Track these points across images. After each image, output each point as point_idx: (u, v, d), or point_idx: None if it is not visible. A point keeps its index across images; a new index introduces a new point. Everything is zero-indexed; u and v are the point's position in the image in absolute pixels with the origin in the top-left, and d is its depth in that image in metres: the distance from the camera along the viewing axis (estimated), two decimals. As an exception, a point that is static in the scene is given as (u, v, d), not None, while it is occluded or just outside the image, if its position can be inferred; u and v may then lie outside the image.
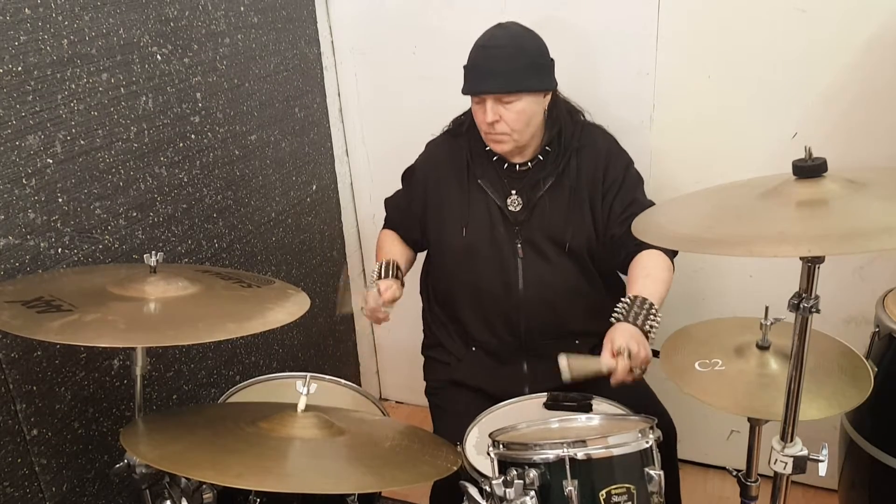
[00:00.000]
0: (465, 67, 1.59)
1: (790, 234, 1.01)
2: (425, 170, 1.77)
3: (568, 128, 1.66)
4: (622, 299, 1.51)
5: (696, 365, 1.40)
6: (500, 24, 1.59)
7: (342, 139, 2.42)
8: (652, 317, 1.47)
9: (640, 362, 1.40)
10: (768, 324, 1.37)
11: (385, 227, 1.88)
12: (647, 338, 1.45)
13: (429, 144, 1.80)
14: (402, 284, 1.72)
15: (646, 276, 1.55)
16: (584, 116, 1.73)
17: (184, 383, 1.81)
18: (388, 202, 1.88)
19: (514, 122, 1.54)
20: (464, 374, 1.73)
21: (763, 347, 1.38)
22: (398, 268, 1.72)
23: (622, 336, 1.42)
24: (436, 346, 1.81)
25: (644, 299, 1.48)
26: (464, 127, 1.72)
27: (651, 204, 1.65)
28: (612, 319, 1.48)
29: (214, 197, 1.87)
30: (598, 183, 1.65)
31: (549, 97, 1.62)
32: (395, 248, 1.80)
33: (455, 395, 1.73)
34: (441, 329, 1.79)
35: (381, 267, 1.70)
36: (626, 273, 1.64)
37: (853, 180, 1.09)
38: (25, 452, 1.41)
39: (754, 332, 1.40)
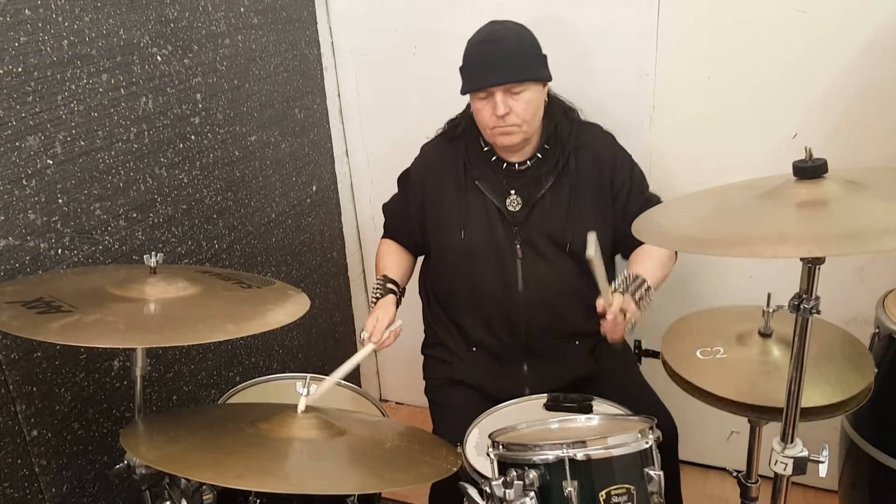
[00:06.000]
0: (463, 67, 1.59)
1: (790, 235, 1.01)
2: (421, 172, 1.77)
3: (564, 125, 1.67)
4: (621, 275, 1.56)
5: (698, 353, 1.40)
6: (493, 21, 1.60)
7: (342, 140, 2.42)
8: (644, 291, 1.52)
9: (632, 310, 1.45)
10: (770, 311, 1.37)
11: (384, 234, 1.88)
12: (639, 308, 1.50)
13: (423, 147, 1.80)
14: (402, 295, 1.75)
15: (648, 258, 1.62)
16: (579, 115, 1.73)
17: (184, 384, 1.81)
18: (386, 207, 1.89)
19: (523, 113, 1.55)
20: (464, 373, 1.73)
21: (765, 335, 1.38)
22: (395, 283, 1.73)
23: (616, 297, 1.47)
24: (436, 345, 1.81)
25: (637, 275, 1.54)
26: (459, 129, 1.72)
27: (658, 199, 1.70)
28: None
29: (214, 198, 1.87)
30: (605, 185, 1.66)
31: (546, 90, 1.63)
32: (393, 261, 1.80)
33: (455, 393, 1.73)
34: (442, 328, 1.79)
35: (378, 288, 1.71)
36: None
37: (853, 181, 1.09)
38: (25, 453, 1.41)
39: (756, 320, 1.40)
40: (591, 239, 1.30)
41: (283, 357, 2.20)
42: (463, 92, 1.60)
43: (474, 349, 1.74)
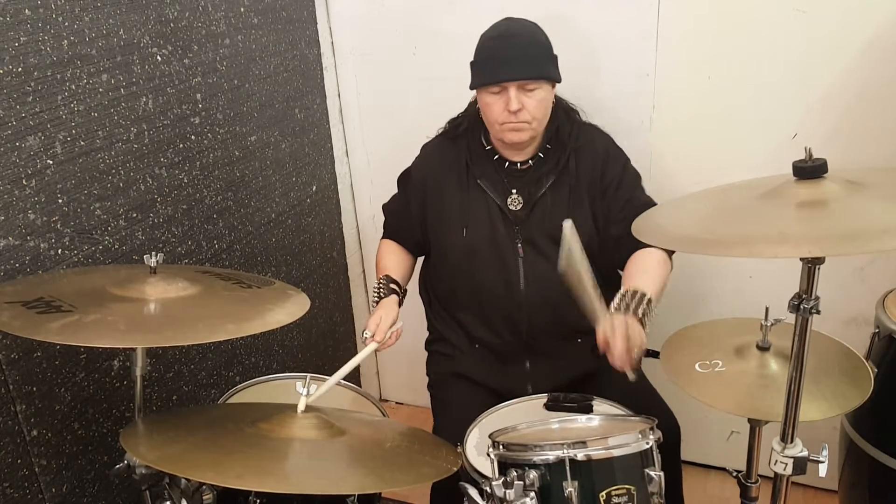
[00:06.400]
0: (476, 61, 1.59)
1: (790, 235, 1.01)
2: (422, 172, 1.77)
3: (565, 126, 1.67)
4: (618, 293, 1.49)
5: (697, 366, 1.40)
6: (508, 18, 1.60)
7: (342, 140, 2.42)
8: (646, 306, 1.44)
9: (636, 341, 1.37)
10: (768, 325, 1.37)
11: (384, 235, 1.88)
12: (643, 326, 1.42)
13: (424, 147, 1.80)
14: (404, 296, 1.74)
15: (643, 273, 1.55)
16: (580, 116, 1.73)
17: (184, 384, 1.81)
18: (386, 207, 1.88)
19: (535, 110, 1.55)
20: (466, 367, 1.73)
21: (763, 348, 1.38)
22: (397, 283, 1.73)
23: (616, 318, 1.40)
24: (439, 341, 1.81)
25: (636, 290, 1.47)
26: (461, 128, 1.72)
27: (649, 200, 1.67)
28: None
29: (214, 198, 1.87)
30: (597, 182, 1.66)
31: (554, 91, 1.63)
32: (394, 261, 1.80)
33: (457, 387, 1.73)
34: (444, 325, 1.79)
35: (380, 288, 1.70)
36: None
37: (853, 181, 1.10)
38: (25, 453, 1.41)
39: (754, 333, 1.40)
40: (567, 226, 1.28)
41: (283, 357, 2.20)
42: (474, 86, 1.59)
43: (476, 346, 1.74)
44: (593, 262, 1.65)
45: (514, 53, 1.53)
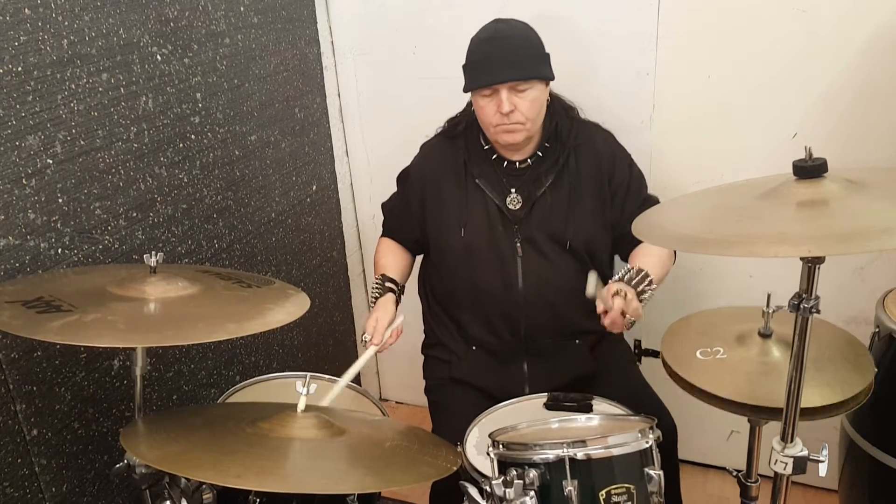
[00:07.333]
0: (467, 64, 1.59)
1: (790, 235, 1.01)
2: (421, 170, 1.77)
3: (565, 124, 1.67)
4: (622, 268, 1.59)
5: (698, 353, 1.40)
6: (498, 19, 1.60)
7: (342, 139, 2.42)
8: (647, 285, 1.54)
9: (633, 310, 1.46)
10: (770, 311, 1.37)
11: (383, 234, 1.89)
12: (640, 301, 1.52)
13: (423, 146, 1.80)
14: (401, 293, 1.74)
15: (647, 256, 1.62)
16: (578, 113, 1.73)
17: (184, 383, 1.81)
18: (385, 206, 1.89)
19: (528, 111, 1.55)
20: (464, 373, 1.73)
21: (765, 335, 1.39)
22: (393, 282, 1.73)
23: (618, 284, 1.50)
24: (436, 345, 1.81)
25: (641, 269, 1.56)
26: (460, 127, 1.72)
27: (656, 197, 1.71)
28: (610, 282, 1.54)
29: (214, 197, 1.87)
30: (604, 183, 1.66)
31: (548, 89, 1.63)
32: (391, 260, 1.80)
33: (454, 392, 1.73)
34: (441, 328, 1.79)
35: (376, 287, 1.71)
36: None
37: (853, 181, 1.09)
38: (25, 453, 1.41)
39: (756, 321, 1.41)
40: (591, 279, 1.42)
41: (283, 356, 2.20)
42: (466, 89, 1.59)
43: (474, 348, 1.74)
44: (592, 262, 1.68)
45: (503, 55, 1.53)
